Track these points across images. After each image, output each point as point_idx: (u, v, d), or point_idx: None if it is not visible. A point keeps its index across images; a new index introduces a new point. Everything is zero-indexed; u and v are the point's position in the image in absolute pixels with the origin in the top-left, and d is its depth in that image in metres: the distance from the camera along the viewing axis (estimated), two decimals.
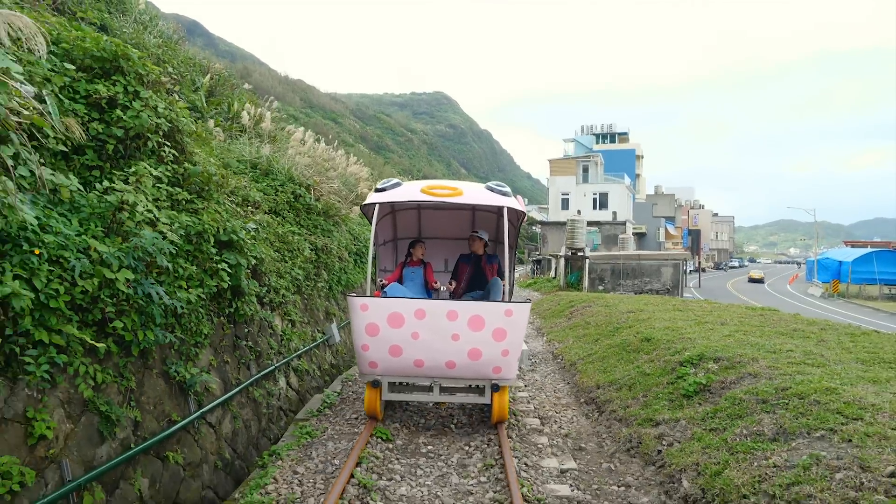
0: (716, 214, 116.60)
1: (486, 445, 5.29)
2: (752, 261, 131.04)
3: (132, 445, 4.19)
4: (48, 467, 3.45)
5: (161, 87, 5.94)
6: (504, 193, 5.78)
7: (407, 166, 72.88)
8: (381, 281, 6.48)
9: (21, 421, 3.34)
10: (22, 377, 3.36)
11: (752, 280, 58.27)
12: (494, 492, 4.26)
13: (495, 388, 5.32)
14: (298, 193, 10.17)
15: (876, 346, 6.17)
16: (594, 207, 51.10)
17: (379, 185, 5.88)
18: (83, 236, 3.95)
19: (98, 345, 3.81)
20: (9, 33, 2.70)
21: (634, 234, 57.40)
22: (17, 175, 3.18)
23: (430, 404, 6.52)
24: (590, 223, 48.85)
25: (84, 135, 4.16)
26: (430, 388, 5.44)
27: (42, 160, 4.08)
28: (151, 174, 4.72)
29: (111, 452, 4.00)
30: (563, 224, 34.57)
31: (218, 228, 5.59)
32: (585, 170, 53.37)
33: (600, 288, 24.81)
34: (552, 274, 32.90)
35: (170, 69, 10.89)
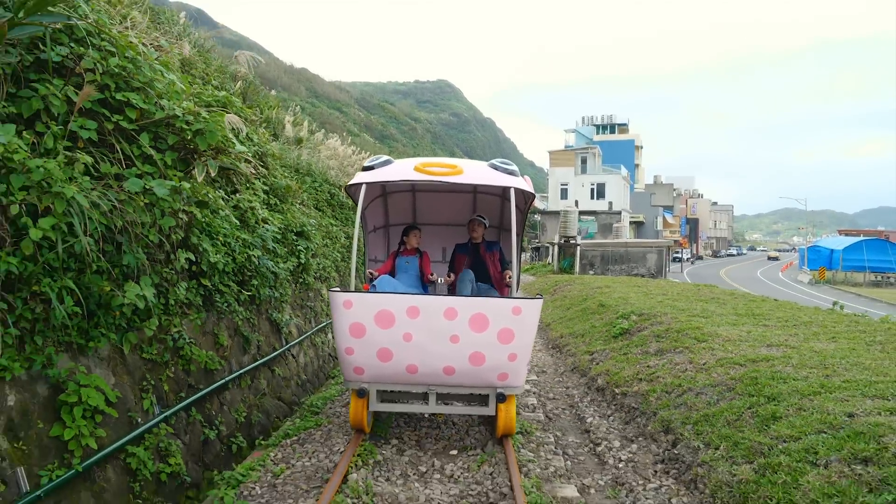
0: (715, 203, 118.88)
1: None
2: (751, 249, 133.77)
3: (257, 358, 6.75)
4: (225, 362, 6.01)
5: (252, 123, 8.45)
6: (510, 172, 5.12)
7: (411, 155, 74.74)
8: (370, 273, 5.93)
9: (211, 334, 5.89)
10: (212, 310, 5.91)
11: (770, 258, 79.45)
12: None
13: (501, 397, 4.65)
14: (333, 192, 12.69)
15: (756, 308, 8.70)
16: (592, 197, 53.42)
17: (366, 163, 5.29)
18: (231, 228, 6.48)
19: (245, 292, 6.37)
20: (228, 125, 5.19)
21: (633, 222, 59.80)
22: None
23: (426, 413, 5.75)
24: (587, 212, 51.31)
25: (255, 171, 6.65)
26: (425, 398, 4.90)
27: None
28: (263, 188, 7.25)
29: (248, 361, 6.56)
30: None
31: (295, 223, 8.13)
32: (584, 161, 55.62)
33: (591, 272, 27.29)
34: (549, 260, 35.45)
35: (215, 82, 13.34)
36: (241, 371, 6.15)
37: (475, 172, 5.16)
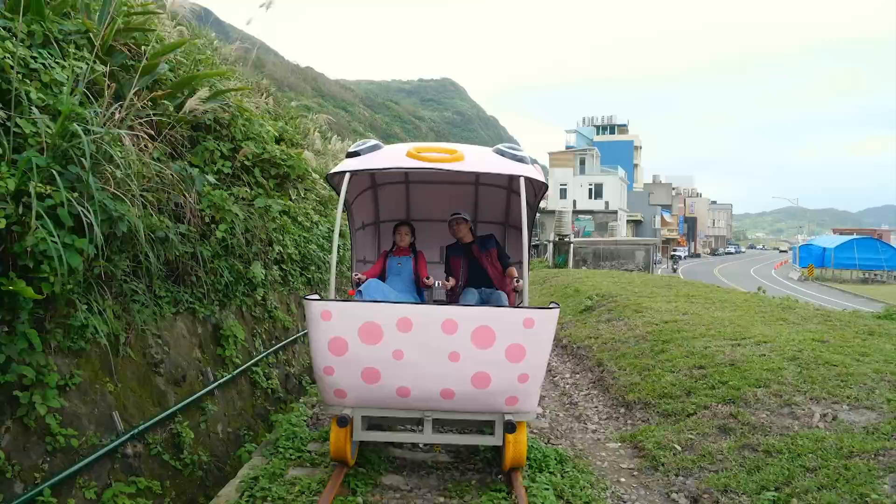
0: (714, 202, 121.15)
1: None
2: (751, 247, 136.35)
3: None
4: (294, 324, 8.41)
5: (299, 145, 10.84)
6: (519, 159, 4.43)
7: None
8: (357, 276, 5.14)
9: (286, 304, 8.29)
10: (286, 287, 8.31)
11: (781, 251, 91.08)
12: None
13: (509, 427, 4.00)
14: None
15: (694, 291, 11.07)
16: (590, 197, 55.69)
17: (351, 148, 4.59)
18: (298, 229, 8.89)
19: (305, 276, 8.78)
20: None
21: (632, 221, 62.02)
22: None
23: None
24: (585, 212, 53.65)
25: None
26: (419, 425, 4.23)
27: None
28: (314, 197, 9.69)
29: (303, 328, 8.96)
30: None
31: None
32: (582, 162, 57.87)
33: (583, 268, 29.69)
34: (546, 257, 37.88)
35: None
36: (304, 332, 8.57)
37: (478, 159, 4.45)
